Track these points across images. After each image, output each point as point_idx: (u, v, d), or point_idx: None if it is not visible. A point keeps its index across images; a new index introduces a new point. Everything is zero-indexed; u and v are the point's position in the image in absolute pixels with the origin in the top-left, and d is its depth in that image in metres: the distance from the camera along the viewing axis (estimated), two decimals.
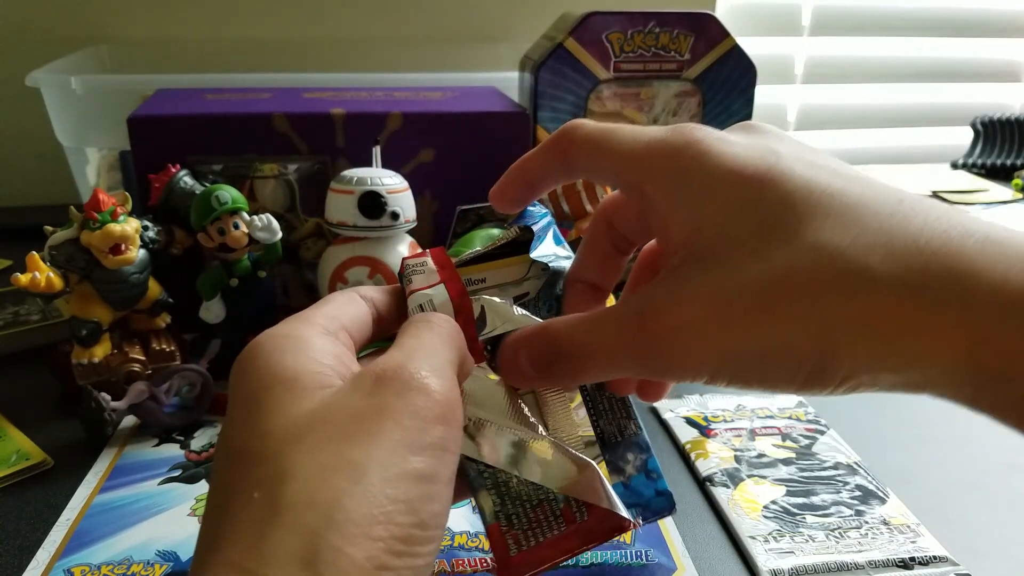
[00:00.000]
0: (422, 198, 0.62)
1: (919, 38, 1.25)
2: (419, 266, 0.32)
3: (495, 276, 0.33)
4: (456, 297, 0.30)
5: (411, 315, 0.30)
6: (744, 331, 0.23)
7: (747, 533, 0.40)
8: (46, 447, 0.47)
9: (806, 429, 0.49)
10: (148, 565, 0.37)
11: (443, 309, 0.30)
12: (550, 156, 0.29)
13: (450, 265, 0.32)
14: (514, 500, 0.32)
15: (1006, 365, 0.21)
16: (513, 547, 0.31)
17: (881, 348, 0.22)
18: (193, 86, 0.71)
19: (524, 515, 0.31)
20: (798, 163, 0.24)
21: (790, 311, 0.23)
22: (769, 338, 0.23)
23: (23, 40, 0.96)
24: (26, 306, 0.66)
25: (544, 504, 0.32)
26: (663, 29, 0.65)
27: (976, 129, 1.17)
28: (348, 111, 0.60)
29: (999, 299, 0.21)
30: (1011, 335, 0.21)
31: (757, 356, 0.24)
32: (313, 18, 1.03)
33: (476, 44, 1.05)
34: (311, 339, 0.25)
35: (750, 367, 0.24)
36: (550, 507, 0.31)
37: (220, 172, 0.59)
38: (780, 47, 1.20)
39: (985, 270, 0.21)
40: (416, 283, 0.31)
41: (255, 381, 0.24)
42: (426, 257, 0.32)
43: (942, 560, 0.38)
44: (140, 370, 0.50)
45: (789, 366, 0.23)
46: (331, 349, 0.26)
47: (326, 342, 0.26)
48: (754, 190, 0.24)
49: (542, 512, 0.32)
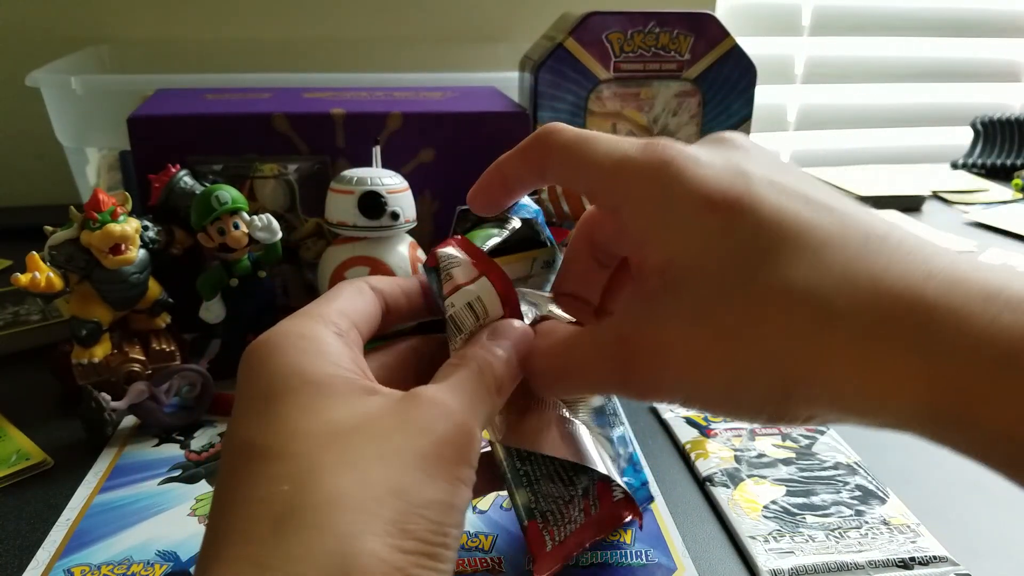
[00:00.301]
0: (422, 198, 0.62)
1: (919, 38, 1.25)
2: (453, 259, 0.31)
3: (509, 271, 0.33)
4: (502, 290, 0.30)
5: (457, 313, 0.30)
6: (714, 363, 0.24)
7: (747, 533, 0.40)
8: (46, 447, 0.47)
9: (806, 429, 0.49)
10: (148, 565, 0.37)
11: (491, 304, 0.30)
12: (525, 162, 0.29)
13: (482, 255, 0.31)
14: (546, 498, 0.33)
15: (964, 410, 0.21)
16: (549, 542, 0.33)
17: (844, 387, 0.23)
18: (193, 86, 0.71)
19: (557, 511, 0.33)
20: (770, 189, 0.24)
21: (758, 346, 0.23)
22: (737, 371, 0.24)
23: (23, 40, 0.96)
24: (26, 306, 0.66)
25: (572, 501, 0.33)
26: (663, 29, 0.65)
27: (976, 129, 1.17)
28: (348, 111, 0.60)
29: (959, 343, 0.21)
30: (970, 380, 0.21)
31: (726, 387, 0.24)
32: (313, 18, 1.03)
33: (476, 44, 1.05)
34: (327, 340, 0.26)
35: (719, 397, 0.25)
36: (575, 504, 0.33)
37: (220, 172, 0.59)
38: (780, 47, 1.20)
39: (948, 313, 0.21)
40: (457, 277, 0.30)
41: (276, 379, 0.24)
42: (454, 248, 0.31)
43: (942, 560, 0.38)
44: (140, 370, 0.50)
45: (755, 399, 0.24)
46: (348, 352, 0.26)
47: (341, 344, 0.26)
48: (726, 219, 0.24)
49: (567, 509, 0.33)
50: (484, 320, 0.30)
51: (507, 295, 0.30)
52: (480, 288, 0.30)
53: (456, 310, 0.29)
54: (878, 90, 1.26)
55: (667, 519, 0.41)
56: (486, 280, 0.30)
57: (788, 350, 0.23)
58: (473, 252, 0.31)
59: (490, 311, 0.30)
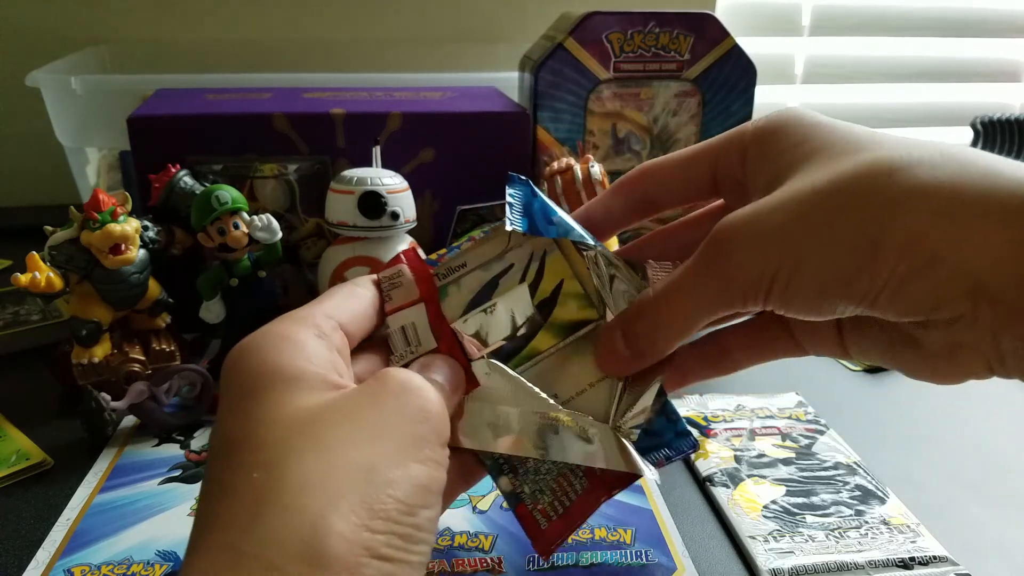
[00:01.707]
0: (422, 198, 0.62)
1: (919, 38, 1.25)
2: (396, 278, 0.31)
3: (474, 258, 0.33)
4: (434, 321, 0.31)
5: (393, 335, 0.30)
6: (807, 220, 0.25)
7: (747, 533, 0.40)
8: (46, 447, 0.47)
9: (806, 429, 0.49)
10: (148, 565, 0.37)
11: (423, 333, 0.30)
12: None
13: (427, 275, 0.31)
14: (534, 476, 0.32)
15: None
16: (543, 520, 0.32)
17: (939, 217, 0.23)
18: (193, 86, 0.71)
19: (547, 487, 0.32)
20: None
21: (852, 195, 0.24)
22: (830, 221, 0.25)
23: (23, 40, 0.96)
24: (26, 306, 0.66)
25: (567, 470, 0.32)
26: (663, 29, 0.65)
27: (976, 129, 1.17)
28: (348, 111, 0.60)
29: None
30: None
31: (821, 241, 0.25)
32: (313, 18, 1.03)
33: (476, 44, 1.05)
34: (306, 341, 0.26)
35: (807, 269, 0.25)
36: (572, 470, 0.32)
37: (220, 172, 0.59)
38: (780, 47, 1.20)
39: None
40: (396, 300, 0.31)
41: (252, 377, 0.25)
42: (402, 265, 0.32)
43: (942, 560, 0.38)
44: (140, 370, 0.50)
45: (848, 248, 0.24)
46: (325, 354, 0.26)
47: (320, 345, 0.26)
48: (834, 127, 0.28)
49: (565, 479, 0.32)
50: (416, 349, 0.30)
51: (440, 329, 0.30)
52: (416, 317, 0.30)
53: (391, 331, 0.30)
54: (878, 90, 1.26)
55: (667, 519, 0.41)
56: (423, 309, 0.30)
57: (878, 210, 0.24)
58: (419, 271, 0.31)
59: (423, 340, 0.30)
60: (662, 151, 0.69)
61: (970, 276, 0.23)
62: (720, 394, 0.53)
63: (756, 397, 0.53)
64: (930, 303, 0.24)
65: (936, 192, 0.23)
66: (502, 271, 0.33)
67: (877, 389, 0.56)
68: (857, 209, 0.24)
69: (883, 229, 0.24)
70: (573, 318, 0.33)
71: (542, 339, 0.32)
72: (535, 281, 0.32)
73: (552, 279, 0.33)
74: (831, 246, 0.25)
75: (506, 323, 0.32)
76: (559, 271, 0.33)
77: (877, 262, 0.24)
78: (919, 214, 0.23)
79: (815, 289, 0.25)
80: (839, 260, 0.25)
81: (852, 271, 0.24)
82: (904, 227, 0.24)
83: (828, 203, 0.25)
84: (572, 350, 0.32)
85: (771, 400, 0.53)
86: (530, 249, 0.33)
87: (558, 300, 0.33)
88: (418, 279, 0.32)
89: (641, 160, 0.69)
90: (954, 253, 0.23)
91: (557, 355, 0.32)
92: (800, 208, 0.25)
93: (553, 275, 0.33)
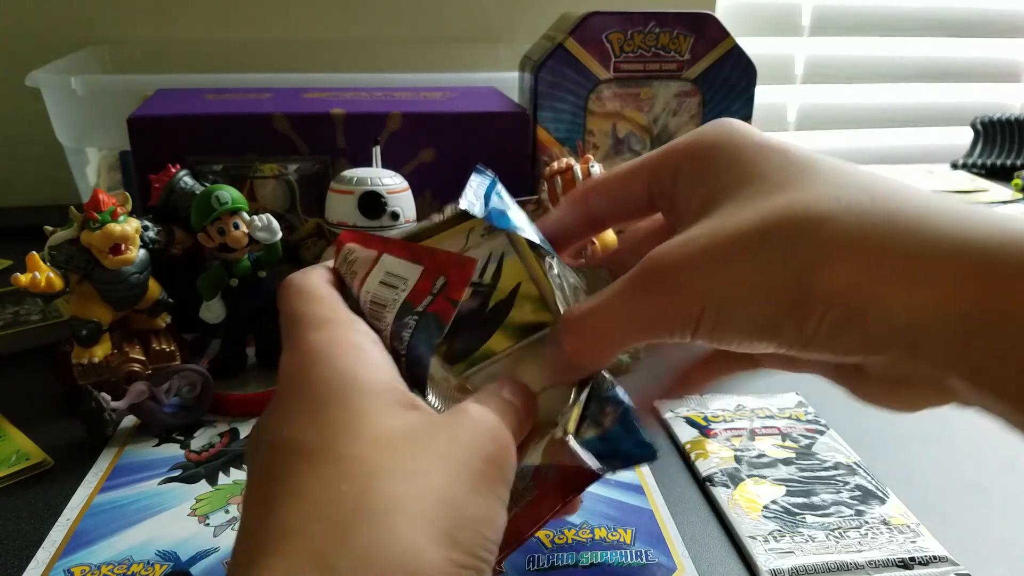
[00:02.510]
0: (422, 198, 0.62)
1: (919, 38, 1.25)
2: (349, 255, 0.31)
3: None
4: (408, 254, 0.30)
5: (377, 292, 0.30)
6: (733, 265, 0.25)
7: (747, 533, 0.40)
8: (46, 447, 0.47)
9: (806, 429, 0.49)
10: (148, 565, 0.37)
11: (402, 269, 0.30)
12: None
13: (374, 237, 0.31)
14: None
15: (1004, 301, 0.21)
16: None
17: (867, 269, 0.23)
18: (193, 86, 0.71)
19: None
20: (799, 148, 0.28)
21: (778, 243, 0.24)
22: (756, 269, 0.24)
23: (23, 40, 0.96)
24: (26, 306, 0.66)
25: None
26: (663, 29, 0.65)
27: (976, 129, 1.17)
28: (348, 111, 0.60)
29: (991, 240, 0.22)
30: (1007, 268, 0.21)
31: (746, 290, 0.25)
32: (313, 18, 1.03)
33: (476, 44, 1.05)
34: (370, 349, 0.27)
35: (735, 312, 0.25)
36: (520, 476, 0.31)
37: (220, 172, 0.59)
38: (780, 47, 1.20)
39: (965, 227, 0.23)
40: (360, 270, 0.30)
41: (326, 385, 0.25)
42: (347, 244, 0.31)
43: (942, 560, 0.38)
44: (140, 370, 0.50)
45: (774, 298, 0.24)
46: (387, 360, 0.27)
47: (380, 352, 0.27)
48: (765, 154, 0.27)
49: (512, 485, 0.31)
50: (404, 287, 0.30)
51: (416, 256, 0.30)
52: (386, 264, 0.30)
53: (370, 294, 0.29)
54: (878, 90, 1.26)
55: (667, 519, 0.41)
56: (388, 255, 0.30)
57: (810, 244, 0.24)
58: (365, 239, 0.31)
59: (406, 275, 0.30)
60: None
61: (900, 327, 0.23)
62: (720, 394, 0.53)
63: (756, 397, 0.53)
64: (863, 350, 0.24)
65: (861, 244, 0.23)
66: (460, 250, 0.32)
67: None
68: (783, 260, 0.24)
69: (809, 282, 0.23)
70: (528, 320, 0.33)
71: (498, 340, 0.32)
72: (492, 282, 0.32)
73: (510, 281, 0.33)
74: (758, 294, 0.25)
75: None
76: (516, 274, 0.33)
77: (804, 314, 0.24)
78: (846, 265, 0.23)
79: (743, 331, 0.26)
80: (765, 308, 0.25)
81: (779, 319, 0.24)
82: (830, 280, 0.23)
83: (755, 250, 0.25)
84: (527, 352, 0.32)
85: (771, 400, 0.53)
86: (488, 250, 0.33)
87: (515, 303, 0.33)
88: (367, 243, 0.31)
89: None
90: (882, 306, 0.23)
91: (512, 357, 0.32)
92: (726, 251, 0.25)
93: (511, 277, 0.33)
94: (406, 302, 0.29)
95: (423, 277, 0.30)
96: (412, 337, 0.29)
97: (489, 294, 0.32)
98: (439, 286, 0.30)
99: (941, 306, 0.22)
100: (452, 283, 0.29)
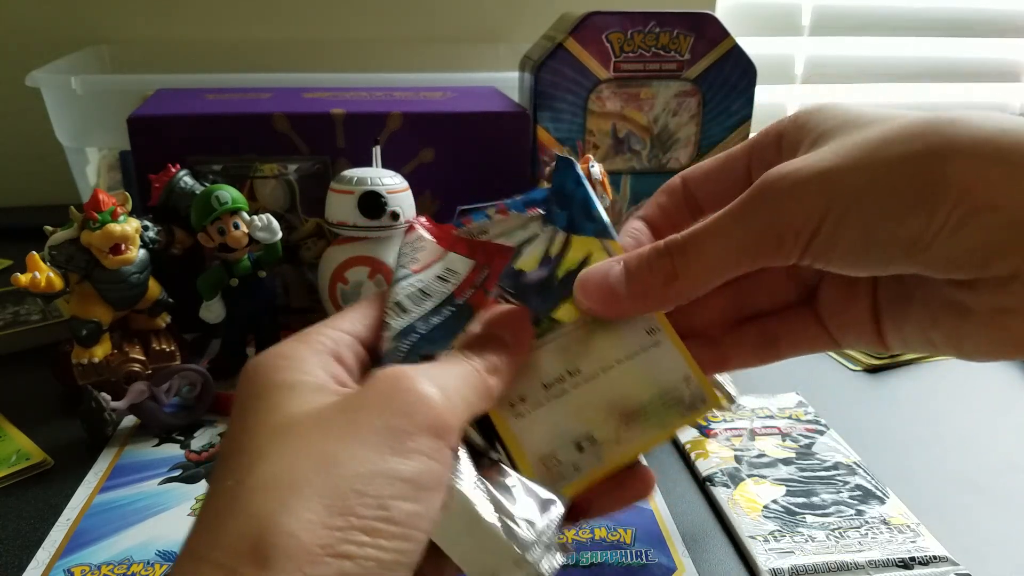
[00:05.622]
0: (422, 198, 0.62)
1: (919, 38, 1.25)
2: (418, 242, 0.31)
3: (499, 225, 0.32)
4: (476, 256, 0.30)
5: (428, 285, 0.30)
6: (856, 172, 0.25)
7: (747, 533, 0.40)
8: (46, 447, 0.47)
9: (806, 429, 0.49)
10: (148, 565, 0.37)
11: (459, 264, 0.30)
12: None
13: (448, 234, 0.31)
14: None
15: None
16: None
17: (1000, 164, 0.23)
18: (193, 86, 0.71)
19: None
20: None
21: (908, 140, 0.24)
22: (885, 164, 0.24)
23: (23, 40, 0.96)
24: (26, 306, 0.66)
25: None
26: (663, 29, 0.65)
27: None
28: (348, 111, 0.60)
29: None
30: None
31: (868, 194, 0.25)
32: (313, 18, 1.03)
33: (476, 44, 1.05)
34: (305, 357, 0.26)
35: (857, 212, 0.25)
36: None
37: (220, 172, 0.59)
38: (780, 47, 1.20)
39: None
40: (422, 259, 0.30)
41: (251, 391, 0.25)
42: (420, 230, 0.31)
43: (942, 560, 0.38)
44: (140, 370, 0.50)
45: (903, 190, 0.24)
46: (324, 366, 0.26)
47: (318, 360, 0.26)
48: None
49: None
50: (455, 281, 0.30)
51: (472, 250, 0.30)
52: (449, 261, 0.30)
53: (425, 284, 0.29)
54: (878, 90, 1.26)
55: (667, 519, 0.41)
56: (454, 255, 0.30)
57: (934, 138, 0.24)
58: (440, 233, 0.31)
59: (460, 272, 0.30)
60: (662, 151, 0.69)
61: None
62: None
63: (756, 397, 0.53)
64: (983, 253, 0.24)
65: (993, 140, 0.23)
66: (526, 240, 0.32)
67: (877, 389, 0.56)
68: (914, 153, 0.24)
69: (942, 173, 0.24)
70: None
71: (567, 310, 0.31)
72: (560, 252, 0.32)
73: (579, 252, 0.32)
74: (885, 188, 0.24)
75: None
76: (587, 244, 0.32)
77: (933, 204, 0.24)
78: (979, 160, 0.23)
79: (863, 235, 0.25)
80: (892, 202, 0.24)
81: (906, 212, 0.24)
82: (963, 173, 0.23)
83: (883, 148, 0.25)
84: (598, 324, 0.31)
85: (771, 400, 0.53)
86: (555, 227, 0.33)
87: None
88: (439, 238, 0.31)
89: (641, 160, 0.69)
90: (1012, 200, 0.23)
91: (582, 328, 0.31)
92: (852, 153, 0.25)
93: (580, 248, 0.32)
94: (451, 295, 0.30)
95: (473, 270, 0.30)
96: (436, 328, 0.29)
97: (557, 264, 0.32)
98: (482, 278, 0.30)
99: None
100: (492, 273, 0.30)
